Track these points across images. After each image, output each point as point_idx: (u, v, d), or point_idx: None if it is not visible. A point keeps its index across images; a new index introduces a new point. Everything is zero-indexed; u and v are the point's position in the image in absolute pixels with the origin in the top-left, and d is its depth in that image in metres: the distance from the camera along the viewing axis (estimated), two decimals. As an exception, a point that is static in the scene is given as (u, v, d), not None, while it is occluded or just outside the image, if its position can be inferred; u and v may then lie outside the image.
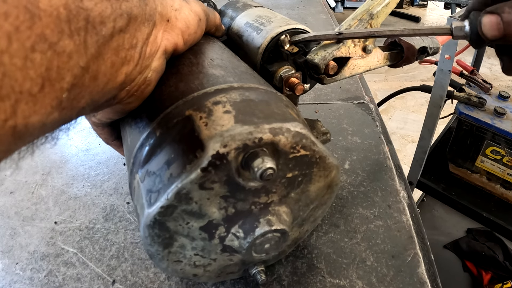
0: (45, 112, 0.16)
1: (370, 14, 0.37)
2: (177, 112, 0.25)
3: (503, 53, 0.31)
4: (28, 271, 0.37)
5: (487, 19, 0.27)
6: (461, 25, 0.29)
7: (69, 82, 0.17)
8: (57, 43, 0.16)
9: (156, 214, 0.23)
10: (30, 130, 0.16)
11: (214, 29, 0.37)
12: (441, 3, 3.50)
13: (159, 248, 0.25)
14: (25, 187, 0.47)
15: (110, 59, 0.20)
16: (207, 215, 0.24)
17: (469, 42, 0.29)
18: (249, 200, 0.25)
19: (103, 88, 0.21)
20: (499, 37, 0.27)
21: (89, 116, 0.32)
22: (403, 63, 0.40)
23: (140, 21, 0.23)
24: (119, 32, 0.20)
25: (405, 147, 2.01)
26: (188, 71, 0.29)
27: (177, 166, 0.23)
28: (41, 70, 0.15)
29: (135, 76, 0.24)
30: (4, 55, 0.14)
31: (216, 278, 0.32)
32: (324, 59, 0.35)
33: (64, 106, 0.17)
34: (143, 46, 0.23)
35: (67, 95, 0.17)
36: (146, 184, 0.24)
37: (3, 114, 0.14)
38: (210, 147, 0.22)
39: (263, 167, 0.21)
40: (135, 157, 0.26)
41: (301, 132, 0.24)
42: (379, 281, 0.35)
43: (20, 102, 0.15)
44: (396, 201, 0.43)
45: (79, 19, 0.17)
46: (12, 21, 0.14)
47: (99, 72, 0.19)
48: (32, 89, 0.15)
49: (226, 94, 0.25)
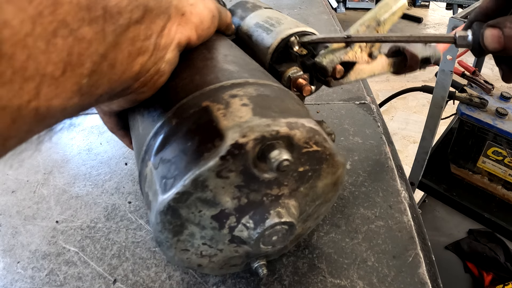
0: (66, 96, 0.17)
1: (378, 21, 0.37)
2: (193, 103, 0.25)
3: (501, 62, 0.32)
4: (30, 270, 0.37)
5: (489, 32, 0.28)
6: (464, 34, 0.30)
7: (88, 68, 0.18)
8: (78, 30, 0.17)
9: (171, 200, 0.23)
10: (51, 113, 0.17)
11: (225, 27, 0.37)
12: (443, 4, 3.50)
13: (169, 235, 0.25)
14: (27, 186, 0.47)
15: (127, 48, 0.21)
16: (220, 204, 0.25)
17: (471, 51, 0.31)
18: (261, 191, 0.25)
19: (120, 77, 0.21)
20: (499, 49, 0.28)
21: (100, 105, 0.32)
22: (406, 71, 0.41)
23: (156, 13, 0.23)
24: (135, 23, 0.21)
25: (406, 147, 2.01)
26: (203, 65, 0.29)
27: (194, 154, 0.23)
28: (63, 55, 0.16)
29: (150, 66, 0.24)
30: (28, 38, 0.14)
31: (219, 270, 0.32)
32: (332, 63, 0.36)
33: (84, 92, 0.18)
34: (157, 38, 0.24)
35: (87, 81, 0.18)
36: (160, 171, 0.24)
37: (26, 95, 0.15)
38: (229, 136, 0.22)
39: (280, 158, 0.22)
40: (148, 145, 0.26)
41: (314, 128, 0.25)
42: (380, 282, 0.35)
43: (43, 84, 0.15)
44: (397, 201, 0.43)
45: (97, 8, 0.18)
46: (36, 5, 0.15)
47: (116, 60, 0.20)
48: (55, 73, 0.16)
49: (242, 88, 0.26)
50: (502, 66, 0.32)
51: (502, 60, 0.32)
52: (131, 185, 0.47)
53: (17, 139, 0.16)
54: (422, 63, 0.41)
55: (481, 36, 0.29)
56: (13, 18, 0.14)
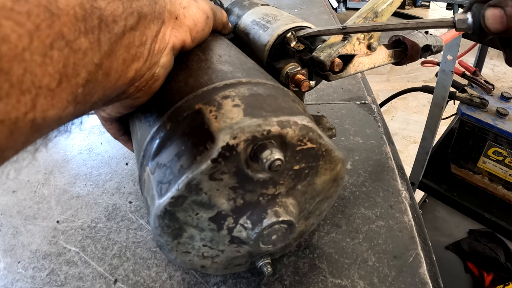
0: (61, 106, 0.17)
1: (375, 12, 0.37)
2: (187, 106, 0.25)
3: (506, 45, 0.31)
4: (30, 270, 0.37)
5: (490, 12, 0.27)
6: (463, 17, 0.29)
7: (84, 78, 0.18)
8: (74, 41, 0.17)
9: (166, 204, 0.23)
10: (47, 123, 0.17)
11: (221, 27, 0.37)
12: (443, 4, 3.49)
13: (168, 238, 0.25)
14: (28, 186, 0.47)
15: (122, 56, 0.21)
16: (216, 206, 0.25)
17: (472, 34, 0.29)
18: (257, 192, 0.25)
19: (114, 84, 0.21)
20: (502, 30, 0.27)
21: (98, 111, 0.32)
22: (407, 61, 0.41)
23: (150, 19, 0.23)
24: (130, 30, 0.21)
25: (407, 147, 2.01)
26: (197, 67, 0.29)
27: (188, 158, 0.23)
28: (59, 66, 0.16)
29: (144, 72, 0.24)
30: (25, 52, 0.14)
31: (223, 270, 0.32)
32: (330, 56, 0.36)
33: (79, 101, 0.18)
34: (152, 43, 0.24)
35: (82, 90, 0.18)
36: (156, 176, 0.25)
37: (23, 108, 0.15)
38: (220, 138, 0.22)
39: (272, 158, 0.22)
40: (145, 150, 0.27)
41: (308, 125, 0.24)
42: (380, 282, 0.35)
43: (39, 96, 0.15)
44: (398, 201, 0.43)
45: (93, 18, 0.18)
46: (33, 20, 0.15)
47: (111, 68, 0.20)
48: (51, 84, 0.16)
49: (235, 88, 0.26)
50: (506, 49, 0.31)
51: (506, 43, 0.31)
52: (132, 185, 0.47)
53: (14, 150, 0.16)
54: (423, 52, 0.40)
55: (482, 17, 0.27)
56: (11, 33, 0.14)
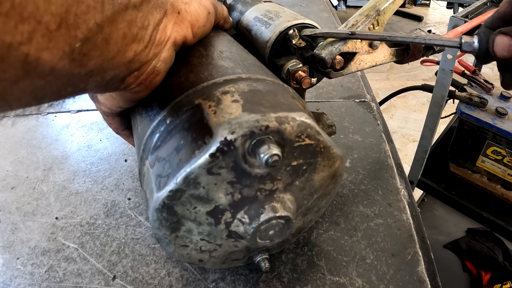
0: (57, 54, 0.17)
1: (377, 10, 0.37)
2: (187, 100, 0.26)
3: (505, 70, 0.32)
4: (29, 266, 0.37)
5: (500, 39, 0.28)
6: (470, 40, 0.30)
7: (83, 33, 0.18)
8: None
9: (165, 198, 0.23)
10: (40, 68, 0.17)
11: (222, 21, 0.37)
12: (443, 3, 3.49)
13: (166, 232, 0.26)
14: (26, 182, 0.47)
15: (123, 29, 0.21)
16: (214, 200, 0.25)
17: (476, 57, 0.31)
18: (254, 187, 0.25)
19: (113, 57, 0.22)
20: (508, 57, 0.28)
21: (100, 106, 0.33)
22: (409, 60, 0.41)
23: (153, 5, 0.24)
24: (133, 8, 0.22)
25: (406, 146, 2.01)
26: (198, 62, 0.29)
27: (186, 152, 0.23)
28: (61, 10, 0.16)
29: (143, 59, 0.24)
30: None
31: (221, 264, 0.32)
32: (331, 54, 0.36)
33: (75, 58, 0.18)
34: (153, 31, 0.24)
35: (80, 46, 0.18)
36: (155, 170, 0.25)
37: (19, 36, 0.15)
38: (219, 133, 0.22)
39: (269, 153, 0.22)
40: (146, 144, 0.27)
41: (306, 122, 0.24)
42: (378, 279, 0.35)
43: (37, 32, 0.16)
44: (397, 199, 0.43)
45: None
46: None
47: (111, 37, 0.20)
48: (50, 25, 0.16)
49: (234, 84, 0.26)
50: (505, 73, 0.32)
51: (506, 68, 0.32)
52: (131, 181, 0.47)
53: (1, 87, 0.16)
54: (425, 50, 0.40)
55: (492, 42, 0.29)
56: None
